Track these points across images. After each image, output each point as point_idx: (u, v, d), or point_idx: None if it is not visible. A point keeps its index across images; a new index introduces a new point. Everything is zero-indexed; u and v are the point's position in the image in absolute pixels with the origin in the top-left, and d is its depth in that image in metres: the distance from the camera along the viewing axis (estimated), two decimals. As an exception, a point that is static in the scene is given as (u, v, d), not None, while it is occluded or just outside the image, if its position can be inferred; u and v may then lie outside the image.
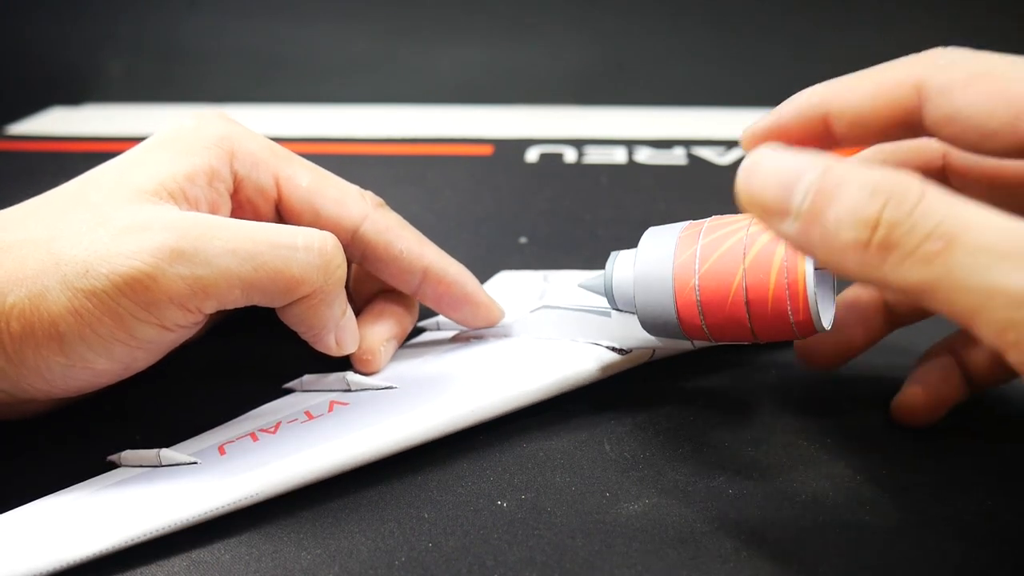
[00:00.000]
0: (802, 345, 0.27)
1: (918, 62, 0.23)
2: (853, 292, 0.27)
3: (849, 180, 0.18)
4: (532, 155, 0.60)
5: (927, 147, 0.27)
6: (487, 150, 0.62)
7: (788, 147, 0.20)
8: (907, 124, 0.23)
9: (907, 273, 0.18)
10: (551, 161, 0.59)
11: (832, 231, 0.18)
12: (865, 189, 0.18)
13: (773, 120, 0.25)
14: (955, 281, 0.17)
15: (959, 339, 0.27)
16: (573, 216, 0.48)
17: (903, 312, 0.27)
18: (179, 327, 0.25)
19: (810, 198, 0.19)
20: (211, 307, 0.24)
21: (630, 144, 0.63)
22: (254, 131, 0.29)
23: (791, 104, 0.25)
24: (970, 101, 0.22)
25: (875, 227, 0.18)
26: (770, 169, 0.20)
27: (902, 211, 0.18)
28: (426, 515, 0.24)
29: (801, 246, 0.19)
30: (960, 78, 0.22)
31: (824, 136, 0.25)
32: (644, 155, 0.60)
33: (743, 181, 0.20)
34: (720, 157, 0.59)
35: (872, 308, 0.27)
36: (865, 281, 0.19)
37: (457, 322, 0.32)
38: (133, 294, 0.23)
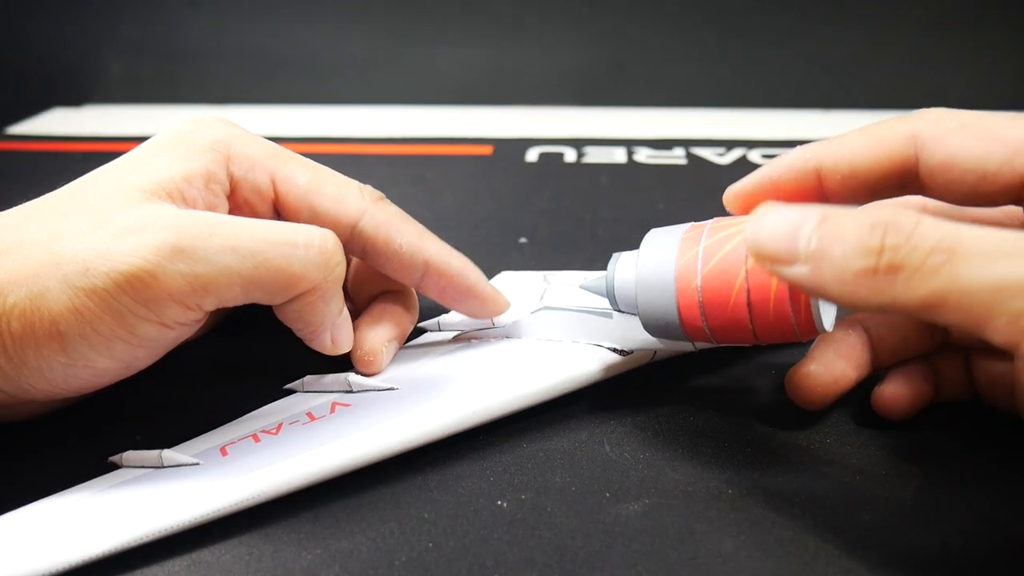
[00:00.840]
0: (791, 383, 0.27)
1: (909, 118, 0.25)
2: (840, 331, 0.27)
3: (848, 220, 0.20)
4: (532, 155, 0.60)
5: (908, 202, 0.28)
6: (487, 150, 0.62)
7: (785, 204, 0.22)
8: (902, 175, 0.25)
9: (917, 289, 0.19)
10: (551, 161, 0.59)
11: (841, 265, 0.20)
12: (864, 224, 0.20)
13: (763, 176, 0.26)
14: (963, 286, 0.18)
15: (932, 352, 0.28)
16: (573, 216, 0.49)
17: (887, 349, 0.28)
18: (179, 325, 0.25)
19: (815, 241, 0.21)
20: (211, 304, 0.24)
21: (630, 144, 0.63)
22: (253, 134, 0.29)
23: (782, 161, 0.26)
24: (966, 145, 0.23)
25: (880, 253, 0.20)
26: (773, 222, 0.22)
27: (902, 236, 0.19)
28: (426, 515, 0.24)
29: (813, 286, 0.21)
30: (953, 127, 0.24)
31: (815, 192, 0.26)
32: (644, 155, 0.60)
33: (751, 239, 0.22)
34: (720, 157, 0.59)
35: (859, 345, 0.28)
36: (879, 309, 0.20)
37: (462, 314, 0.31)
38: (133, 292, 0.23)
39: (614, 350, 0.29)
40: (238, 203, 0.29)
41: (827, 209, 0.21)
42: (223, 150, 0.28)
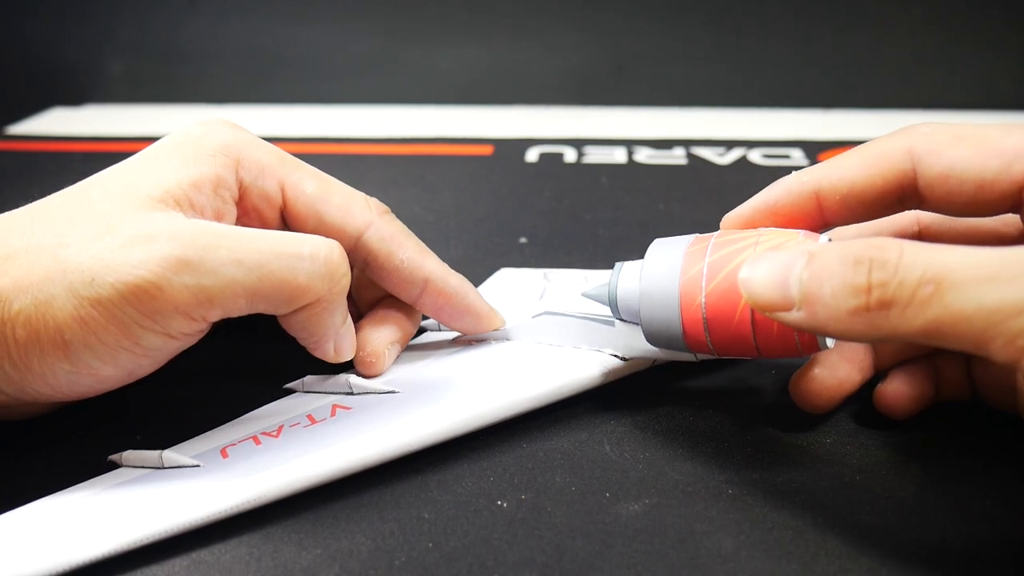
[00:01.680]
0: (796, 387, 0.28)
1: (902, 133, 0.25)
2: None
3: (832, 258, 0.21)
4: (532, 155, 0.60)
5: (901, 219, 0.28)
6: (487, 150, 0.62)
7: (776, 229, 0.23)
8: (901, 190, 0.25)
9: (912, 321, 0.19)
10: (551, 161, 0.59)
11: (833, 306, 0.20)
12: (848, 261, 0.20)
13: (761, 201, 0.26)
14: (956, 314, 0.19)
15: (934, 353, 0.28)
16: (573, 216, 0.49)
17: (889, 351, 0.28)
18: (184, 335, 0.25)
19: (805, 285, 0.21)
20: (216, 316, 0.24)
21: (630, 144, 0.63)
22: (261, 139, 0.29)
23: (779, 185, 0.26)
24: (962, 156, 0.24)
25: (869, 291, 0.20)
26: (763, 272, 0.22)
27: (887, 271, 0.20)
28: (426, 515, 0.24)
29: (813, 328, 0.21)
30: (948, 139, 0.24)
31: (815, 215, 0.26)
32: (644, 155, 0.60)
33: (745, 291, 0.22)
34: (720, 157, 0.59)
35: (862, 348, 0.28)
36: (881, 340, 0.21)
37: (457, 331, 0.32)
38: (139, 303, 0.23)
39: (615, 356, 0.29)
40: (246, 209, 0.28)
41: (812, 248, 0.22)
42: (232, 155, 0.28)
